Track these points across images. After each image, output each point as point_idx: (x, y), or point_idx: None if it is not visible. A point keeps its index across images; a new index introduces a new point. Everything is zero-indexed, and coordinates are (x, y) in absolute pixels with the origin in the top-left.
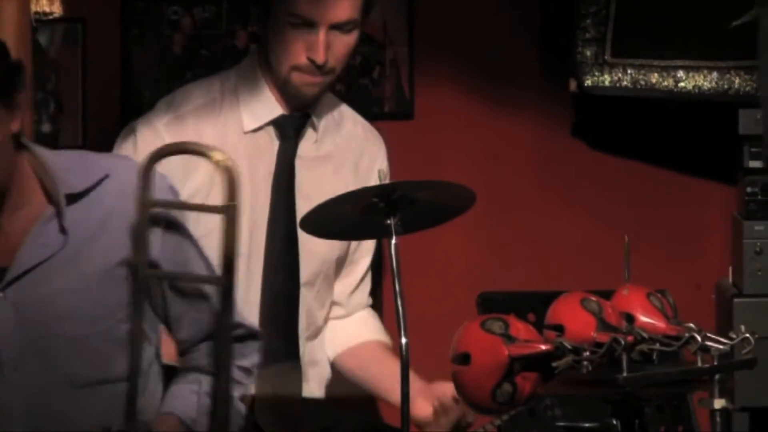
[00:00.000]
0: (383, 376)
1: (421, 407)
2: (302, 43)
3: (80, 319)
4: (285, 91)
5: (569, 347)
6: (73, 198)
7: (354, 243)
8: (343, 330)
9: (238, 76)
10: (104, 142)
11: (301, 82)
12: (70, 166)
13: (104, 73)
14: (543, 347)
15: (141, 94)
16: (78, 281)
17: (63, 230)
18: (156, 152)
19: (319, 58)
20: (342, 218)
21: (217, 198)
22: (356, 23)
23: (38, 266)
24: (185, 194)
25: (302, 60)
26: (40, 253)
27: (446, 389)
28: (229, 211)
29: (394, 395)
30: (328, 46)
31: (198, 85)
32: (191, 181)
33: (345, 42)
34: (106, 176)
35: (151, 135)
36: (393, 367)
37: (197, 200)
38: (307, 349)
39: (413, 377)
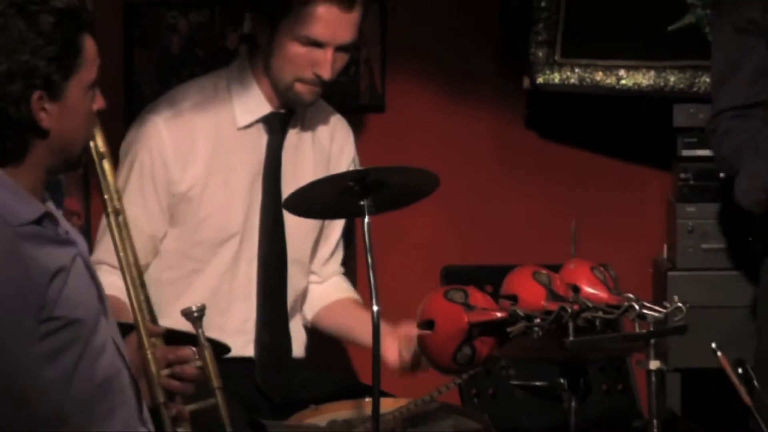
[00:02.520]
0: (356, 325)
1: (389, 347)
2: (309, 60)
3: None
4: (284, 96)
5: (522, 315)
6: None
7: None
8: (319, 293)
9: (229, 77)
10: (109, 132)
11: (303, 91)
12: None
13: (108, 70)
14: (499, 315)
15: (141, 90)
16: None
17: None
18: None
19: (327, 76)
20: (321, 200)
21: (213, 191)
22: (356, 42)
23: None
24: (183, 187)
25: (308, 74)
26: None
27: (410, 329)
28: None
29: (367, 338)
30: (333, 64)
31: (193, 84)
32: (188, 174)
33: (344, 58)
34: None
35: (151, 128)
36: (364, 316)
37: (194, 192)
38: (293, 318)
39: (382, 323)
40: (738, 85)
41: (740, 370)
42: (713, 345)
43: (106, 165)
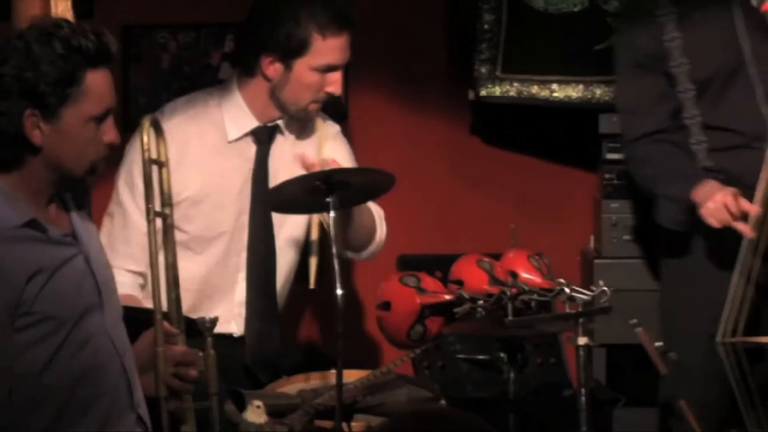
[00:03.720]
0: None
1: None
2: (323, 83)
3: None
4: (295, 116)
5: (467, 297)
6: None
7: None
8: None
9: (221, 96)
10: None
11: (315, 108)
12: None
13: None
14: (447, 297)
15: (137, 100)
16: None
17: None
18: None
19: (339, 92)
20: (292, 197)
21: (205, 195)
22: None
23: None
24: (175, 190)
25: (322, 95)
26: None
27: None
28: None
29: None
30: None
31: (188, 100)
32: (181, 179)
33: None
34: None
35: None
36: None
37: (186, 196)
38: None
39: None
40: (646, 114)
41: (658, 345)
42: (633, 321)
43: (164, 173)
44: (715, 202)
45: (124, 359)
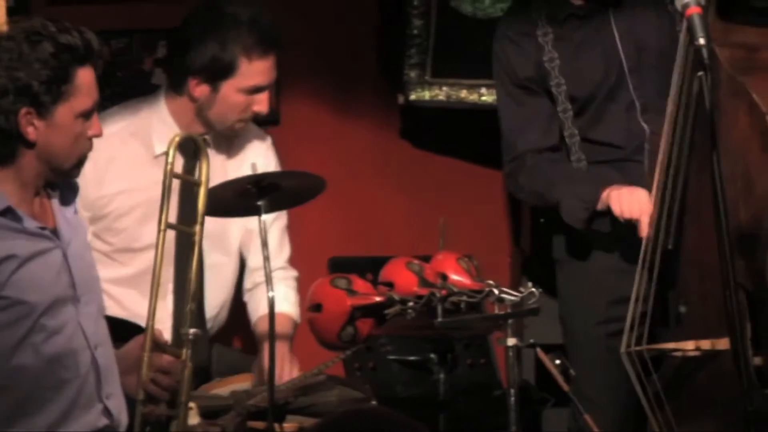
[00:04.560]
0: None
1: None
2: (250, 103)
3: None
4: (222, 133)
5: (397, 299)
6: None
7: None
8: (253, 305)
9: (150, 109)
10: None
11: (241, 127)
12: None
13: None
14: (377, 299)
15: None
16: None
17: None
18: None
19: (266, 111)
20: (223, 201)
21: (129, 208)
22: None
23: None
24: (99, 203)
25: (248, 114)
26: None
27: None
28: None
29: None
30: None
31: (117, 113)
32: (104, 191)
33: None
34: None
35: None
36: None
37: (110, 209)
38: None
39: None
40: (532, 132)
41: (557, 362)
42: (531, 340)
43: (201, 191)
44: (632, 193)
45: (95, 352)
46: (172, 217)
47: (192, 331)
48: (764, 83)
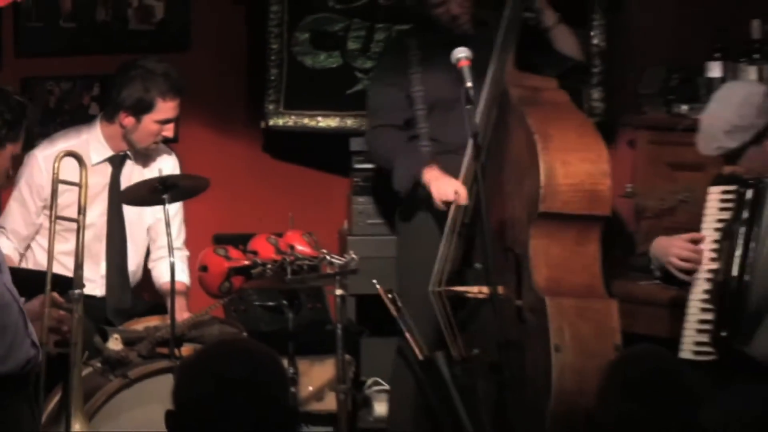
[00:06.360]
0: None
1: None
2: (162, 130)
3: None
4: (140, 151)
5: (260, 263)
6: None
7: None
8: (156, 273)
9: (88, 132)
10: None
11: (154, 147)
12: None
13: None
14: (246, 262)
15: (32, 130)
16: None
17: None
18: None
19: (172, 136)
20: (139, 195)
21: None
22: None
23: None
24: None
25: (160, 137)
26: None
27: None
28: None
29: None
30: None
31: (63, 134)
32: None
33: None
34: None
35: (33, 160)
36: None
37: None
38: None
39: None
40: (387, 113)
41: (390, 295)
42: (374, 281)
43: (83, 192)
44: (448, 183)
45: (19, 304)
46: (103, 206)
47: (77, 291)
48: (540, 113)
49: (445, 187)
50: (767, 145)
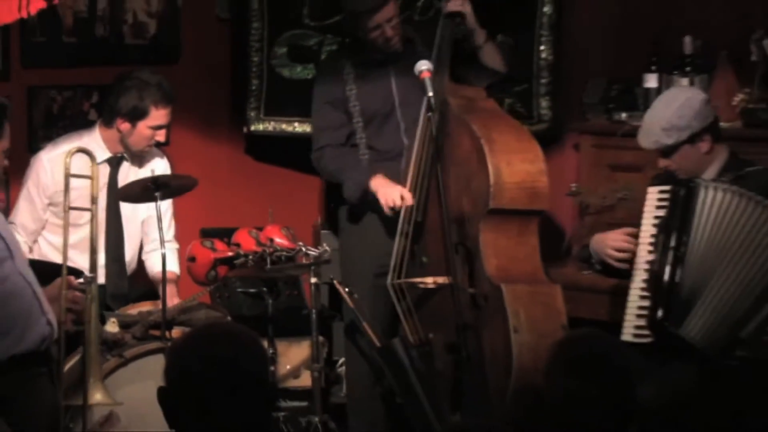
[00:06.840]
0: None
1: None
2: (154, 134)
3: None
4: (135, 153)
5: (243, 253)
6: None
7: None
8: (149, 264)
9: (89, 136)
10: (18, 160)
11: (148, 150)
12: None
13: (15, 125)
14: (230, 253)
15: (37, 134)
16: None
17: None
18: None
19: (164, 140)
20: (134, 193)
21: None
22: None
23: None
24: (57, 197)
25: (153, 141)
26: None
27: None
28: None
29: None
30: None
31: (65, 138)
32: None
33: None
34: None
35: (38, 164)
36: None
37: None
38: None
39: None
40: (330, 133)
41: (346, 289)
42: (331, 276)
43: (93, 183)
44: (394, 190)
45: (34, 287)
46: (102, 203)
47: (90, 274)
48: (480, 120)
49: (391, 193)
50: (700, 146)
